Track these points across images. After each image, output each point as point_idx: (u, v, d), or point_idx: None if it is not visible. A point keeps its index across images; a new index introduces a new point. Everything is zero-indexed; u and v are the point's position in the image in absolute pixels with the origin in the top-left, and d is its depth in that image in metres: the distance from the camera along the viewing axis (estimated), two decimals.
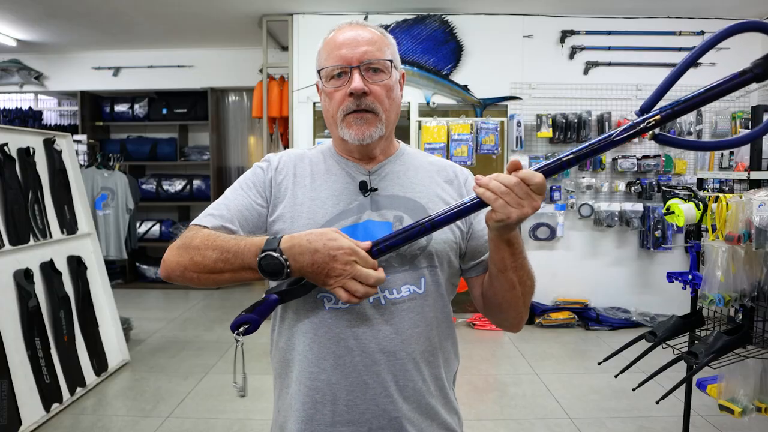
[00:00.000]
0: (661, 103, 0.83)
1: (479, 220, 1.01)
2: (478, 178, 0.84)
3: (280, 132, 4.99)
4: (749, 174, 2.12)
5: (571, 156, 0.83)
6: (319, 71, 0.99)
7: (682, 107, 0.80)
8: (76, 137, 4.56)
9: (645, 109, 0.83)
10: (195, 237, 0.93)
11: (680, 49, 4.54)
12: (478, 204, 0.85)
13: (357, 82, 0.93)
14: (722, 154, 4.47)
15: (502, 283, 0.93)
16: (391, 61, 0.98)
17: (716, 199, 1.96)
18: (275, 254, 0.84)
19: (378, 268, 0.85)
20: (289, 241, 0.85)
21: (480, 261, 1.01)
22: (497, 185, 0.81)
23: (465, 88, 4.57)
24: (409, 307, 0.95)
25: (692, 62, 0.81)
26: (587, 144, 0.84)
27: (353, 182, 1.00)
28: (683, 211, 2.05)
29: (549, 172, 0.84)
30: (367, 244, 0.86)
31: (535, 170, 0.82)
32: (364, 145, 0.98)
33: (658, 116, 0.81)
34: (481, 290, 1.01)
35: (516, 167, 0.82)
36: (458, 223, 0.99)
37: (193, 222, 0.98)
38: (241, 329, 0.86)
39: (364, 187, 0.99)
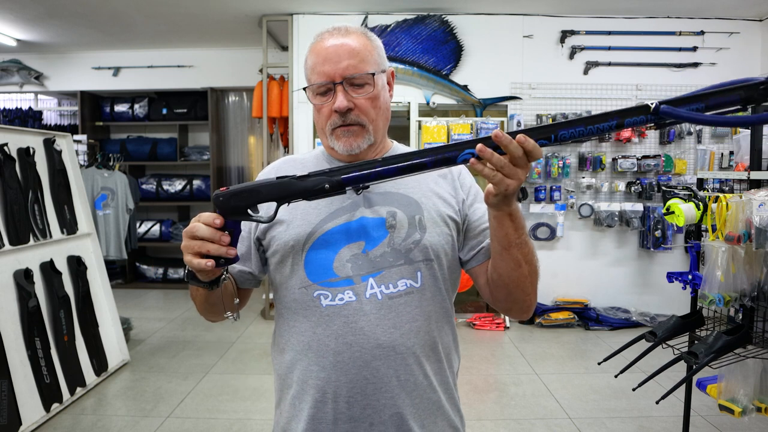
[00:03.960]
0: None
1: (474, 210, 1.03)
2: (482, 149, 0.78)
3: (280, 132, 4.99)
4: (749, 174, 2.11)
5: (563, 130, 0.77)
6: (305, 88, 1.01)
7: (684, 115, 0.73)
8: (76, 137, 4.56)
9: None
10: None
11: (680, 49, 4.54)
12: (458, 160, 0.80)
13: (340, 101, 0.94)
14: (722, 154, 4.49)
15: (507, 262, 0.92)
16: (374, 74, 0.97)
17: (716, 199, 1.96)
18: None
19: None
20: None
21: (480, 249, 1.01)
22: (499, 160, 0.78)
23: (465, 88, 4.57)
24: (406, 301, 0.95)
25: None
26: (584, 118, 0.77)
27: None
28: (683, 211, 2.05)
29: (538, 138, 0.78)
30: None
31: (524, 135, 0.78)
32: (353, 154, 0.99)
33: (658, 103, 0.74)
34: (486, 277, 1.00)
35: (498, 138, 0.77)
36: (452, 215, 1.01)
37: None
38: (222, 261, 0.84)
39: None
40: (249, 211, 0.84)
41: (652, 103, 0.73)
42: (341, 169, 0.83)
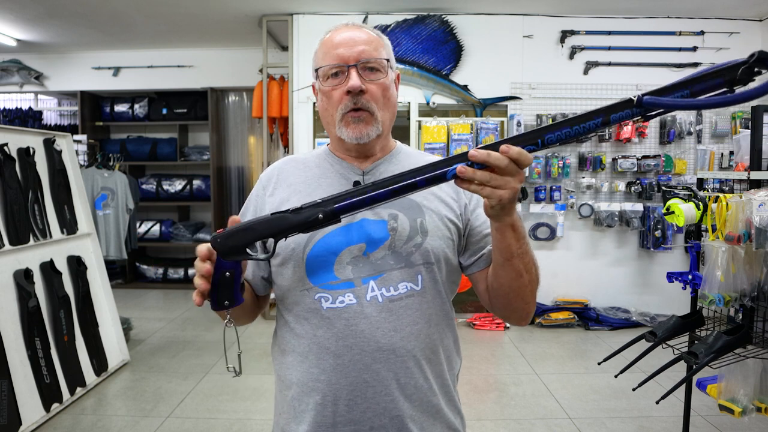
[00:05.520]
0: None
1: (477, 216, 1.02)
2: (463, 170, 0.76)
3: (280, 132, 4.99)
4: (749, 174, 2.11)
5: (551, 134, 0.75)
6: (316, 70, 1.00)
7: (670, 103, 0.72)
8: (76, 137, 4.55)
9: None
10: None
11: (680, 49, 4.54)
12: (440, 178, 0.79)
13: (354, 80, 0.94)
14: (722, 154, 4.49)
15: (508, 272, 0.91)
16: (388, 60, 0.99)
17: (716, 199, 1.96)
18: None
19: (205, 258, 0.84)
20: None
21: (481, 255, 1.01)
22: (483, 175, 0.76)
23: (465, 88, 4.57)
24: (407, 304, 0.95)
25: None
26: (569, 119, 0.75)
27: (347, 183, 1.01)
28: (683, 211, 2.05)
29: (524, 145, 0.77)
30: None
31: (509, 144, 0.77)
32: (361, 144, 0.98)
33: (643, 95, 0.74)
34: (486, 284, 1.00)
35: (473, 157, 0.76)
36: (453, 219, 1.00)
37: None
38: (226, 303, 0.86)
39: None
40: (247, 249, 0.85)
41: (635, 96, 0.72)
42: (334, 198, 0.82)
